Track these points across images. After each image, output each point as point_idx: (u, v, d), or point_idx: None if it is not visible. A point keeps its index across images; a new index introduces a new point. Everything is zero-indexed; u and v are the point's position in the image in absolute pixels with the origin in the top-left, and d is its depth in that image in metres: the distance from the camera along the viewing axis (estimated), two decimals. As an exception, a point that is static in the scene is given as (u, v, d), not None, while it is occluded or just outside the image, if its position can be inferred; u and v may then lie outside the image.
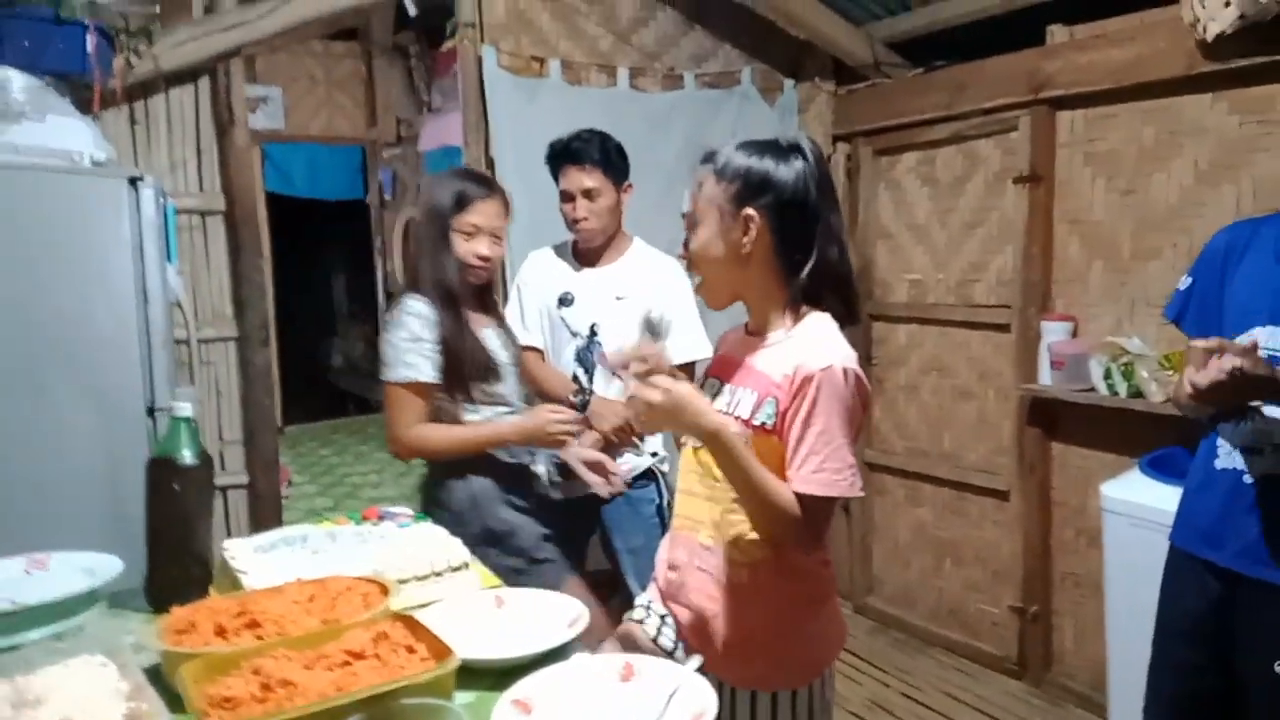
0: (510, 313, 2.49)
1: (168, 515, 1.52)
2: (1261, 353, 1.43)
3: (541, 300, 2.44)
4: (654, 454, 2.46)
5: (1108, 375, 2.54)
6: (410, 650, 1.17)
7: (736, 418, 1.40)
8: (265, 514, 2.93)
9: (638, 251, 2.46)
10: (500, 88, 3.01)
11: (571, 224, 2.36)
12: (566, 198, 2.35)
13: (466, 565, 1.61)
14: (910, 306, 3.30)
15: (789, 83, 3.53)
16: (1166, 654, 1.75)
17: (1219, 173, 2.38)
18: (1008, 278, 2.93)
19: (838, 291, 1.46)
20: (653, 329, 1.43)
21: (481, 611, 1.43)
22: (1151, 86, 2.48)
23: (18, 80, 2.09)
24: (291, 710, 1.01)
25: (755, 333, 1.48)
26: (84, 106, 2.24)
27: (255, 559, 1.56)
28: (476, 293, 2.08)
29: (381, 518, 1.78)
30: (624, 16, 3.27)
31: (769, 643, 1.43)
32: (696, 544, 1.49)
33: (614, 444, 2.36)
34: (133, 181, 2.08)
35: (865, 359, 3.40)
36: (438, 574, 1.56)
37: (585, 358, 2.41)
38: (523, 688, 1.13)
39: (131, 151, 2.68)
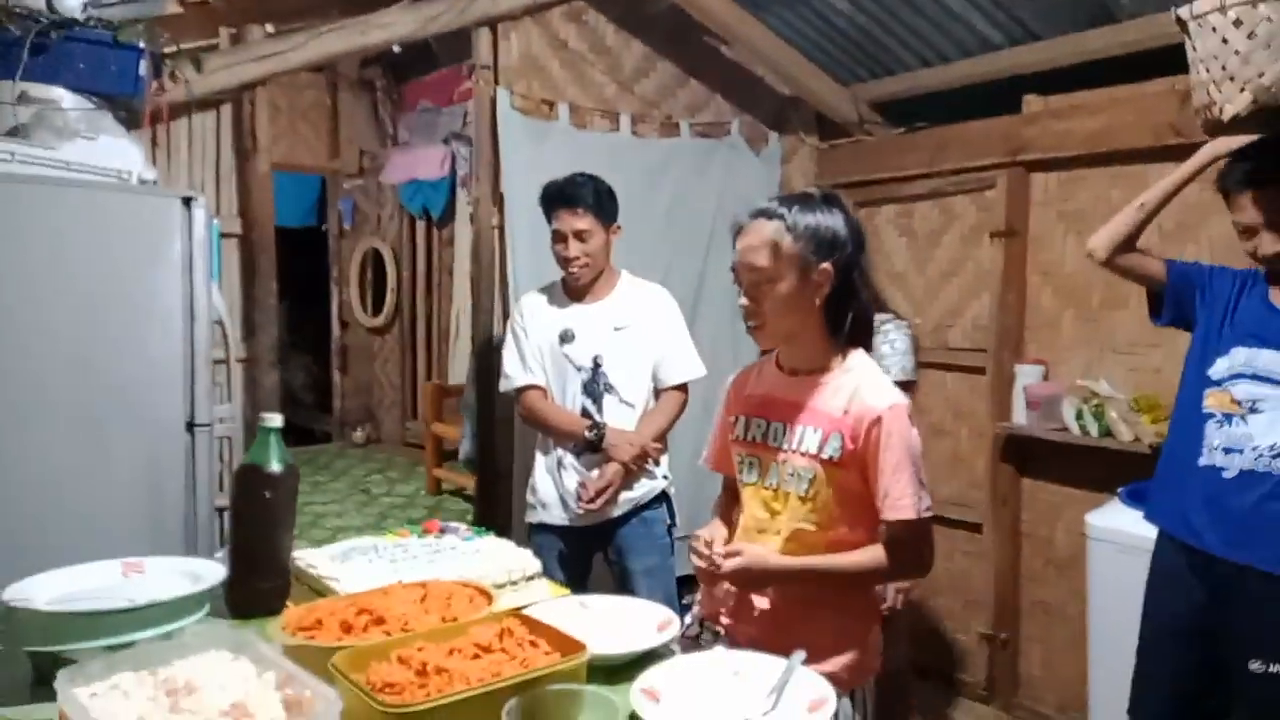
0: (509, 354, 2.58)
1: (256, 523, 1.57)
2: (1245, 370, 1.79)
3: (541, 339, 2.53)
4: (665, 476, 2.58)
5: (1079, 416, 2.78)
6: (534, 644, 1.26)
7: (803, 453, 1.54)
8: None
9: (628, 283, 2.59)
10: (513, 127, 3.13)
11: (563, 263, 2.48)
12: (559, 238, 2.46)
13: (540, 574, 1.70)
14: (888, 348, 3.52)
15: (774, 135, 3.76)
16: (1155, 655, 1.95)
17: (1182, 233, 2.65)
18: (983, 323, 3.17)
19: (867, 329, 1.64)
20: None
21: (569, 615, 1.51)
22: (1119, 154, 2.76)
23: (71, 100, 2.13)
24: (454, 693, 1.09)
25: (798, 371, 1.61)
26: (130, 127, 2.28)
27: (338, 567, 1.62)
28: None
29: (443, 530, 1.85)
30: (627, 66, 3.44)
31: (836, 649, 1.55)
32: None
33: (632, 471, 2.48)
34: (186, 201, 2.13)
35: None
36: (513, 583, 1.65)
37: (593, 390, 2.51)
38: (648, 679, 1.23)
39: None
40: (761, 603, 1.62)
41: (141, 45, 2.18)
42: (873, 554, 1.52)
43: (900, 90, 3.35)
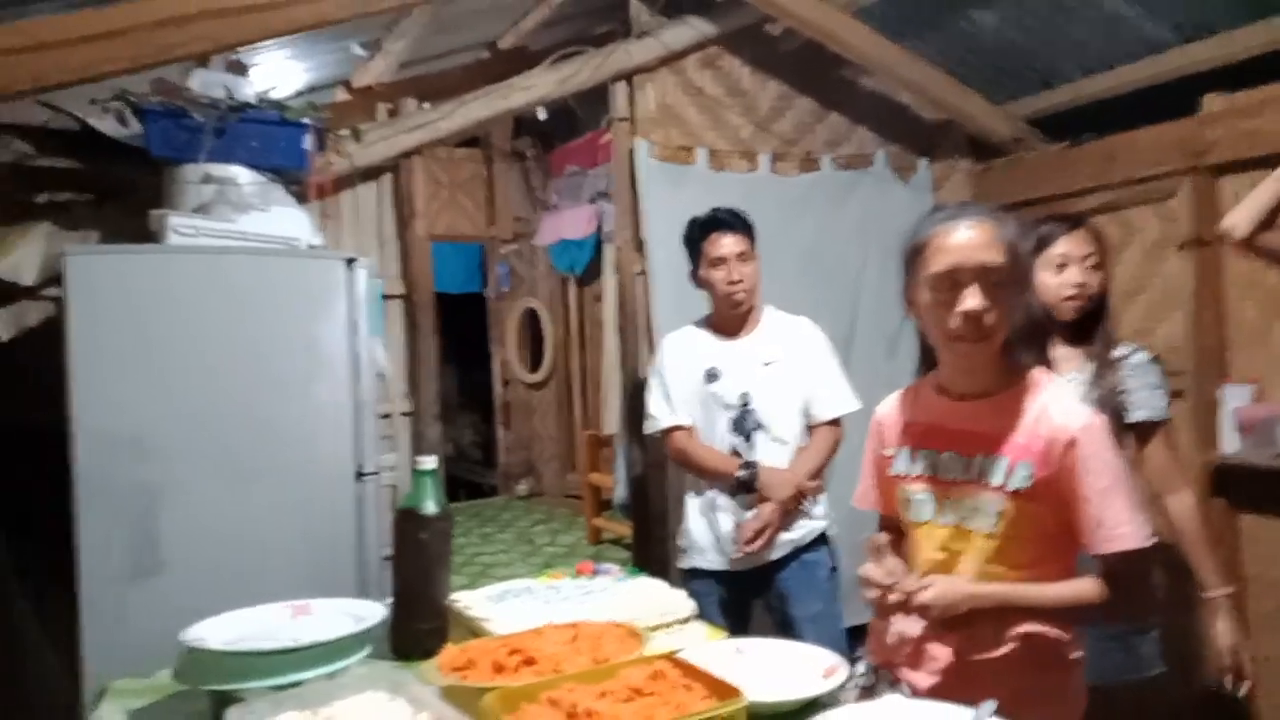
0: (653, 396, 2.54)
1: (413, 565, 1.59)
2: None
3: (686, 378, 2.47)
4: (826, 517, 2.45)
5: (1300, 439, 2.45)
6: (687, 689, 1.20)
7: (988, 486, 1.39)
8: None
9: (774, 317, 2.50)
10: (651, 175, 3.16)
11: (726, 288, 2.40)
12: (718, 264, 2.39)
13: (695, 616, 1.63)
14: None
15: (923, 161, 3.61)
16: None
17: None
18: (1177, 344, 2.88)
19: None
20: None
21: (724, 659, 1.43)
22: (1322, 148, 2.46)
23: (245, 176, 2.31)
24: (605, 736, 1.04)
25: (969, 396, 1.45)
26: (299, 199, 2.45)
27: (491, 608, 1.62)
28: None
29: (595, 572, 1.82)
30: (764, 106, 3.42)
31: (1030, 703, 1.39)
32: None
33: (790, 511, 2.38)
34: (349, 262, 2.25)
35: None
36: (667, 625, 1.59)
37: (742, 428, 2.43)
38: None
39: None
40: (943, 651, 1.47)
41: (307, 122, 2.33)
42: (1085, 586, 1.35)
43: (1059, 103, 3.16)
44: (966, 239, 1.35)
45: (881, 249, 3.51)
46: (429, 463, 1.62)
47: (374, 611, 1.48)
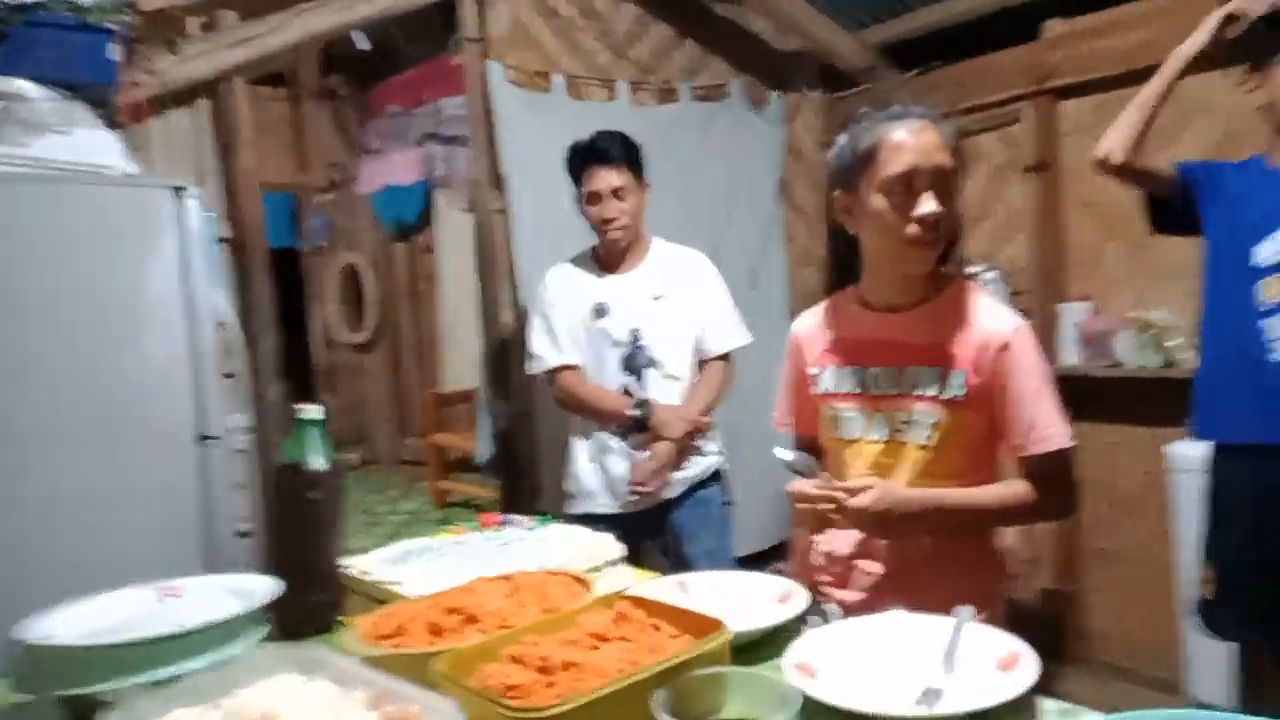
0: (536, 334, 2.39)
1: (301, 529, 1.38)
2: None
3: (574, 315, 2.35)
4: (720, 452, 2.40)
5: (1137, 348, 2.63)
6: (656, 628, 1.08)
7: (921, 396, 1.36)
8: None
9: (662, 249, 2.40)
10: (507, 102, 2.95)
11: (602, 224, 2.28)
12: (594, 199, 2.27)
13: (624, 557, 1.52)
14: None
15: (774, 94, 3.60)
16: (1237, 564, 1.83)
17: (1230, 145, 2.51)
18: (1021, 265, 3.02)
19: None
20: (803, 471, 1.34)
21: (671, 597, 1.32)
22: (1154, 69, 2.61)
23: (36, 93, 1.92)
24: (595, 691, 0.90)
25: (899, 307, 1.40)
26: (107, 121, 2.07)
27: (397, 570, 1.43)
28: None
29: (503, 523, 1.66)
30: (620, 30, 3.27)
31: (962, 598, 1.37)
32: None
33: (685, 449, 2.30)
34: (177, 191, 1.92)
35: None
36: (597, 569, 1.47)
37: (633, 365, 2.33)
38: (798, 653, 1.05)
39: (126, 177, 2.49)
40: (873, 566, 1.44)
41: (112, 27, 1.96)
42: (1017, 488, 1.34)
43: (908, 31, 3.21)
44: (922, 140, 1.29)
45: (741, 181, 3.48)
46: (314, 411, 1.40)
47: (261, 585, 1.25)
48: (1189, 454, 2.27)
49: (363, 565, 1.46)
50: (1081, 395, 2.93)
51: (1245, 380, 1.77)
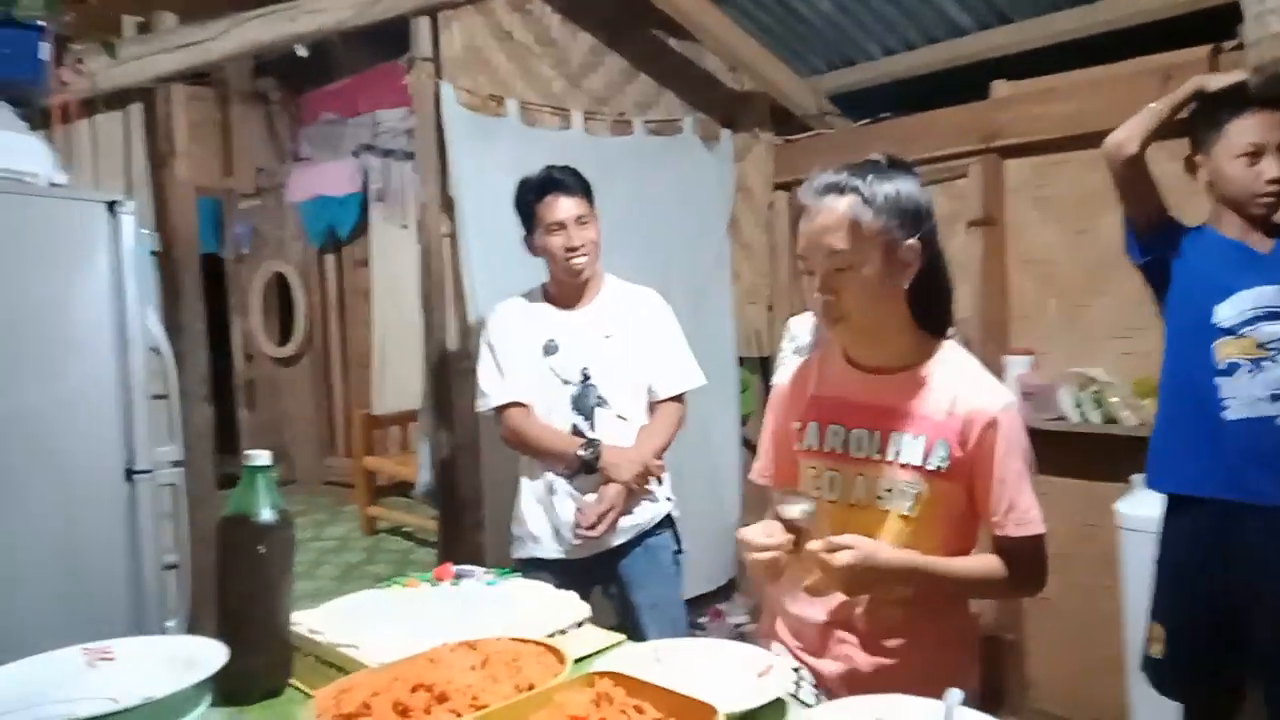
0: (485, 370, 2.32)
1: (249, 584, 1.28)
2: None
3: (521, 351, 2.28)
4: (669, 498, 2.36)
5: (1078, 404, 2.70)
6: (639, 710, 1.03)
7: (905, 465, 1.33)
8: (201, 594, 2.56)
9: (615, 287, 2.37)
10: (459, 125, 2.87)
11: (566, 254, 2.21)
12: (554, 229, 2.21)
13: (590, 618, 1.45)
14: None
15: (725, 132, 3.61)
16: (1186, 622, 1.88)
17: (1167, 213, 2.61)
18: (963, 315, 3.07)
19: (950, 315, 1.46)
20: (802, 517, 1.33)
21: (646, 669, 1.27)
22: (1097, 136, 2.69)
23: (-45, 89, 1.77)
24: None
25: (883, 370, 1.38)
26: (32, 124, 1.92)
27: (351, 631, 1.34)
28: None
29: (458, 576, 1.58)
30: (575, 60, 3.23)
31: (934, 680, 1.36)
32: (836, 599, 1.39)
33: (634, 492, 2.25)
34: (111, 206, 1.79)
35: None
36: (562, 631, 1.40)
37: (583, 405, 2.28)
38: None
39: (50, 183, 2.32)
40: (850, 637, 1.40)
41: (42, 24, 1.83)
42: (993, 564, 1.33)
43: (861, 80, 3.26)
44: (814, 223, 1.32)
45: (692, 216, 3.47)
46: (262, 458, 1.31)
47: (202, 651, 1.15)
48: (1138, 511, 2.32)
49: (312, 623, 1.37)
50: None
51: (1200, 437, 1.82)
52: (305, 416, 6.36)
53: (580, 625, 1.43)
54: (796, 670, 1.42)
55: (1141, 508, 2.30)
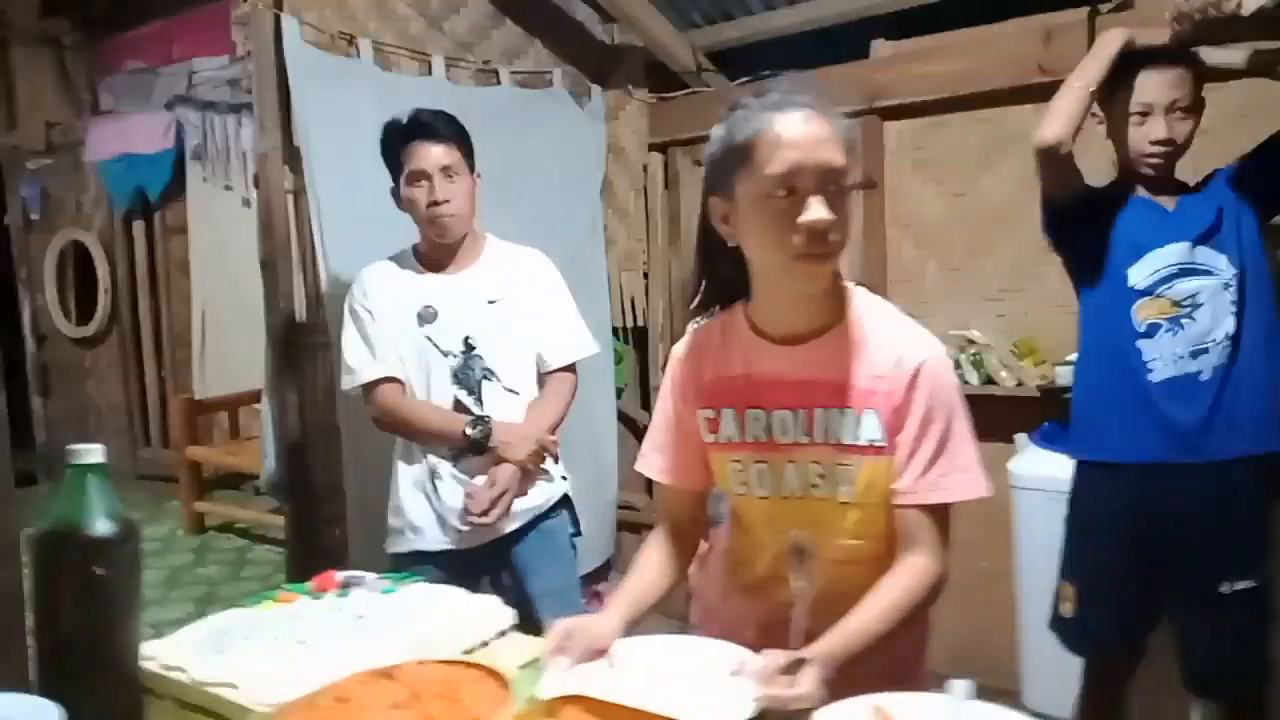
0: (351, 344, 2.05)
1: (83, 616, 0.99)
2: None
3: (394, 321, 2.03)
4: (564, 477, 2.16)
5: (958, 366, 2.71)
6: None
7: (839, 445, 1.17)
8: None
9: (497, 248, 2.14)
10: (305, 65, 2.51)
11: (430, 209, 1.97)
12: (417, 178, 1.96)
13: (515, 624, 1.25)
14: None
15: (596, 88, 3.40)
16: (1102, 579, 1.88)
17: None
18: (847, 279, 3.03)
19: None
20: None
21: (599, 675, 1.07)
22: (980, 97, 2.71)
23: None
24: None
25: (790, 338, 1.19)
26: None
27: (222, 665, 1.07)
28: None
29: (346, 584, 1.32)
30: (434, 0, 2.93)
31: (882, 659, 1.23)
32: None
33: (529, 473, 2.05)
34: None
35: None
36: (485, 643, 1.19)
37: (466, 378, 2.05)
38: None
39: None
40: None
41: None
42: (913, 569, 1.18)
43: (740, 37, 3.13)
44: (806, 133, 1.09)
45: (564, 177, 3.25)
46: (91, 453, 1.02)
47: (32, 712, 0.87)
48: (1030, 470, 2.33)
49: (167, 657, 1.09)
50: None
51: (1128, 401, 1.81)
52: (112, 404, 5.65)
53: (504, 634, 1.22)
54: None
55: (1032, 467, 2.32)
